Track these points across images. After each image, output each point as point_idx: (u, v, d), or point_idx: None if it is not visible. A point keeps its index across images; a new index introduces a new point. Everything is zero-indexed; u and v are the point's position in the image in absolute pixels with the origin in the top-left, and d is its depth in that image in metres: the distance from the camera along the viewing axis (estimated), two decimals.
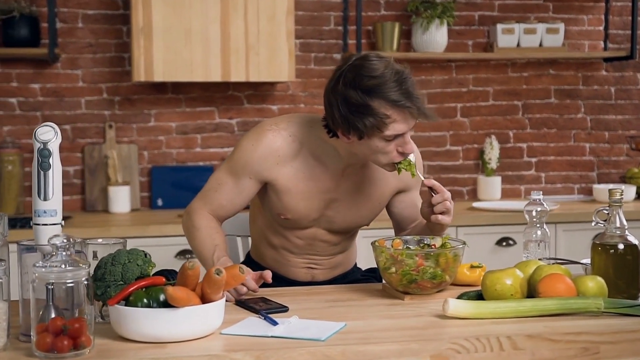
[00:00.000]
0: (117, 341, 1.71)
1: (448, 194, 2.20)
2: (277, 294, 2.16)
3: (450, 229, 3.72)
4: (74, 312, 1.70)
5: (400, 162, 2.17)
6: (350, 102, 2.08)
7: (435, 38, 4.13)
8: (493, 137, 4.31)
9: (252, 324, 1.84)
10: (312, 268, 2.47)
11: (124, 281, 1.76)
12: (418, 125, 4.30)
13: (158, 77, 3.67)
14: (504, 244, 3.81)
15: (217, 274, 1.69)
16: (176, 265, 3.40)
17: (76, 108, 4.00)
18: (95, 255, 1.94)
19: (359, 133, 2.10)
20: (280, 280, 2.47)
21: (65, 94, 3.99)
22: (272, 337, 1.74)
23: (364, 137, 2.10)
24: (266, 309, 1.95)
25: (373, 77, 2.07)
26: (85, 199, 3.99)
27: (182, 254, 3.49)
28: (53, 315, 1.66)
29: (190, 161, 4.10)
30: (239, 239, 2.81)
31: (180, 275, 1.73)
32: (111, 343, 1.71)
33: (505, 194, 4.37)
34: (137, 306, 1.69)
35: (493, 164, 4.27)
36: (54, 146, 1.75)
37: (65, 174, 4.00)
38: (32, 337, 1.63)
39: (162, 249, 3.43)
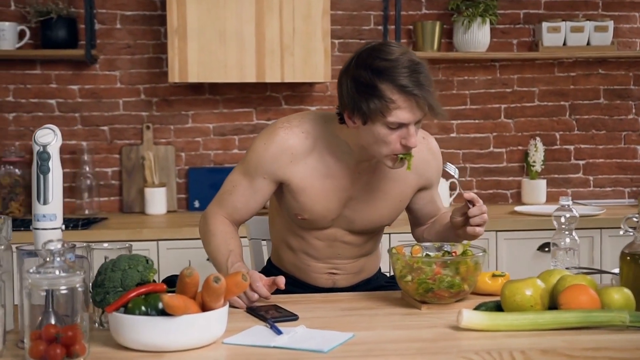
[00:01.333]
0: (116, 350, 1.67)
1: (485, 207, 2.15)
2: (291, 301, 2.10)
3: (490, 234, 3.62)
4: (74, 318, 1.67)
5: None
6: (358, 81, 2.03)
7: (477, 37, 4.02)
8: (538, 139, 4.18)
9: (257, 333, 1.79)
10: (333, 274, 2.40)
11: (123, 288, 1.72)
12: (461, 127, 4.25)
13: (193, 78, 3.64)
14: (547, 249, 3.68)
15: (215, 282, 1.64)
16: (209, 268, 3.36)
17: (114, 109, 4.00)
18: (106, 260, 1.91)
19: (363, 116, 2.04)
20: (302, 287, 2.41)
21: (103, 95, 3.99)
22: (274, 347, 1.68)
23: (368, 122, 2.05)
24: (274, 317, 1.89)
25: (386, 60, 2.02)
26: (123, 201, 3.99)
27: None
28: (53, 322, 1.63)
29: (228, 163, 4.07)
30: (264, 243, 2.76)
31: (179, 283, 1.68)
32: (109, 352, 1.67)
33: (551, 198, 4.23)
34: (134, 314, 1.65)
35: (538, 167, 4.15)
36: (54, 149, 1.72)
37: (103, 175, 4.00)
38: (25, 344, 1.60)
39: (195, 252, 3.39)
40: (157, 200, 3.85)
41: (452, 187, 4.14)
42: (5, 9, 3.89)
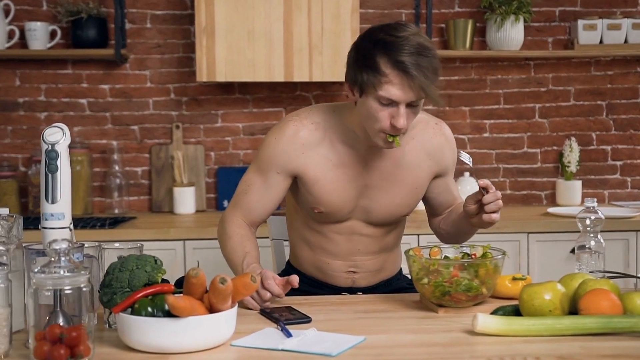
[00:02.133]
0: (122, 351, 1.65)
1: (499, 193, 2.09)
2: (307, 303, 2.07)
3: (521, 235, 3.55)
4: (82, 318, 1.66)
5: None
6: (360, 51, 2.05)
7: (510, 35, 3.95)
8: (573, 139, 4.10)
9: (266, 335, 1.75)
10: (353, 272, 2.37)
11: (131, 288, 1.70)
12: (494, 127, 4.18)
13: (220, 78, 3.62)
14: None
15: (221, 283, 1.61)
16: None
17: (144, 108, 4.00)
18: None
19: (359, 88, 2.05)
20: (321, 287, 2.38)
21: (133, 95, 4.00)
22: (282, 350, 1.65)
23: (363, 94, 2.05)
24: (287, 320, 1.86)
25: (392, 36, 2.01)
26: (152, 200, 3.99)
27: None
28: (60, 322, 1.62)
29: None
30: (286, 243, 2.73)
31: (185, 284, 1.65)
32: (115, 353, 1.65)
33: None
34: (141, 315, 1.63)
35: (573, 167, 4.06)
36: (62, 148, 1.71)
37: (132, 175, 4.01)
38: (29, 344, 1.59)
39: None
40: (186, 200, 3.84)
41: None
42: (37, 9, 3.91)
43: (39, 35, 3.78)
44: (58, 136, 1.70)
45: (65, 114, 3.96)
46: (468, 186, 3.98)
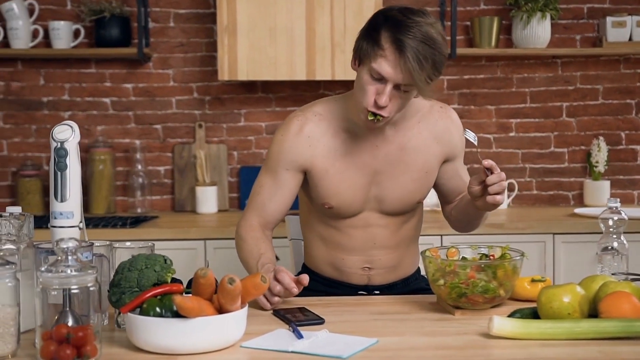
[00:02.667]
0: (131, 351, 1.63)
1: (503, 174, 2.06)
2: (322, 304, 2.04)
3: (547, 236, 3.48)
4: (90, 318, 1.65)
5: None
6: (371, 22, 2.09)
7: (536, 32, 3.89)
8: (601, 138, 4.02)
9: (278, 336, 1.73)
10: (368, 268, 2.34)
11: (139, 288, 1.68)
12: (520, 126, 4.11)
13: (242, 76, 3.60)
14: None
15: (230, 284, 1.59)
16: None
17: (167, 108, 3.99)
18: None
19: (359, 57, 2.08)
20: (336, 286, 2.36)
21: (156, 94, 3.99)
22: (292, 352, 1.62)
23: (360, 64, 2.09)
24: (299, 321, 1.83)
25: (406, 17, 2.04)
26: (175, 199, 3.98)
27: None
28: (69, 322, 1.61)
29: None
30: (303, 244, 2.70)
31: (194, 284, 1.63)
32: (123, 353, 1.63)
33: None
34: (149, 315, 1.60)
35: (601, 167, 3.99)
36: (72, 145, 1.70)
37: (155, 174, 4.00)
38: (36, 344, 1.57)
39: None
40: (208, 199, 3.83)
41: (509, 188, 4.01)
42: (61, 8, 3.92)
43: (63, 35, 3.78)
44: (67, 134, 1.68)
45: (88, 113, 3.97)
46: None
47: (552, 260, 3.50)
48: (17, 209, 1.84)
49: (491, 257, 2.00)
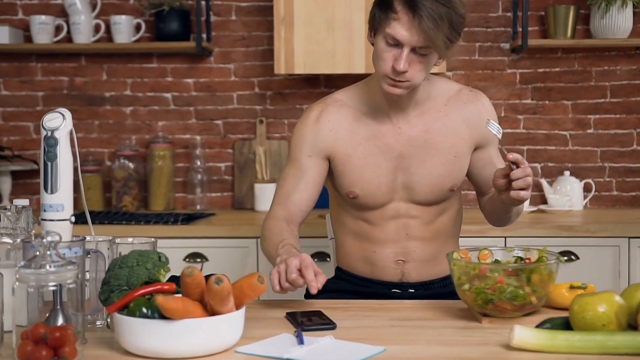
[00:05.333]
0: (119, 354, 1.53)
1: (529, 170, 1.91)
2: (341, 307, 1.91)
3: (621, 240, 3.23)
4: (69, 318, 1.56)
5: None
6: None
7: (617, 22, 3.62)
8: None
9: (278, 342, 1.60)
10: (402, 261, 2.20)
11: (129, 286, 1.57)
12: (599, 122, 3.83)
13: (299, 70, 3.48)
14: None
15: (217, 284, 1.46)
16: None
17: (228, 103, 3.91)
18: None
19: (373, 25, 2.04)
20: (368, 285, 2.23)
21: (217, 89, 3.91)
22: (287, 359, 1.49)
23: (376, 34, 2.04)
24: (309, 325, 1.70)
25: None
26: (235, 196, 3.89)
27: (315, 256, 3.27)
28: (60, 320, 1.52)
29: None
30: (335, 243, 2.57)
31: (181, 284, 1.51)
32: (108, 356, 1.53)
33: None
34: (134, 315, 1.50)
35: None
36: (62, 134, 1.61)
37: (216, 170, 3.92)
38: (13, 343, 1.49)
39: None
40: (267, 197, 3.71)
41: (586, 188, 3.76)
42: (123, 2, 3.89)
43: (124, 29, 3.75)
44: (57, 122, 1.60)
45: (150, 109, 3.92)
46: (568, 186, 3.70)
47: (627, 266, 3.24)
48: (23, 202, 1.77)
49: (527, 261, 1.82)
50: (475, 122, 2.17)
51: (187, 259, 3.28)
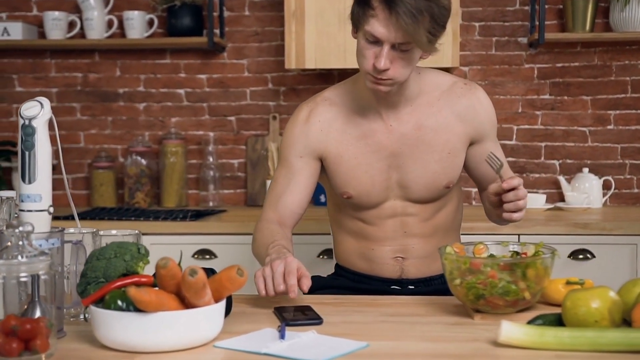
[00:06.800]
0: (95, 347, 1.49)
1: (523, 193, 1.87)
2: (333, 303, 1.86)
3: (639, 239, 3.14)
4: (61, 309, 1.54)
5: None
6: None
7: (637, 15, 3.53)
8: None
9: (259, 337, 1.55)
10: (401, 258, 2.16)
11: (106, 278, 1.53)
12: (620, 118, 3.74)
13: (310, 64, 3.43)
14: None
15: (191, 276, 1.42)
16: (318, 265, 3.15)
17: (241, 99, 3.88)
18: None
19: (354, 23, 1.98)
20: (368, 281, 2.19)
21: (230, 85, 3.88)
22: (264, 354, 1.44)
23: (357, 31, 1.97)
24: (294, 320, 1.65)
25: None
26: (248, 193, 3.85)
27: (325, 253, 3.22)
28: (38, 313, 1.49)
29: None
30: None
31: (157, 275, 1.47)
32: (83, 349, 1.49)
33: None
34: (109, 308, 1.46)
35: None
36: (40, 123, 1.57)
37: (229, 167, 3.89)
38: None
39: (305, 247, 3.20)
40: None
41: (606, 186, 3.68)
42: None
43: (136, 25, 3.73)
44: (35, 110, 1.56)
45: (163, 105, 3.90)
46: (587, 183, 3.61)
47: None
48: (7, 194, 1.75)
49: (523, 256, 1.76)
50: (469, 117, 2.11)
51: (196, 256, 3.25)
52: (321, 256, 3.23)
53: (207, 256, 3.25)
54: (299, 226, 3.17)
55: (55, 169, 3.63)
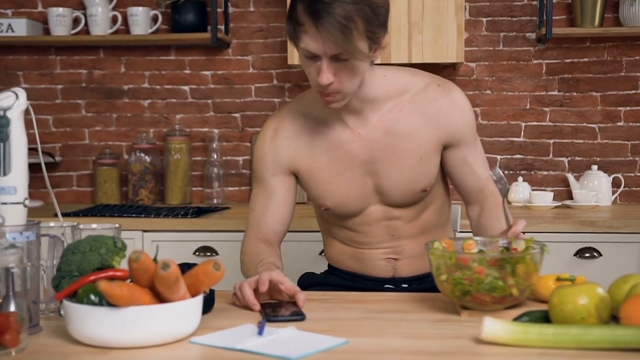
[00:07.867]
0: (69, 343, 1.46)
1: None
2: (319, 299, 1.82)
3: None
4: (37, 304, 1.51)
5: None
6: (290, 1, 1.84)
7: None
8: None
9: (237, 332, 1.52)
10: (393, 259, 2.11)
11: (80, 272, 1.50)
12: (630, 114, 3.67)
13: None
14: None
15: (163, 269, 1.39)
16: (318, 263, 3.11)
17: (246, 95, 3.85)
18: None
19: (291, 40, 1.86)
20: (361, 281, 2.15)
21: (235, 81, 3.85)
22: (240, 350, 1.41)
23: (296, 48, 1.86)
24: (276, 316, 1.61)
25: None
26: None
27: (322, 253, 3.18)
28: (12, 308, 1.46)
29: None
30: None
31: (129, 269, 1.44)
32: (57, 345, 1.46)
33: None
34: (82, 303, 1.43)
35: None
36: (15, 114, 1.55)
37: (234, 164, 3.86)
38: None
39: (305, 245, 3.16)
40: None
41: (615, 183, 3.61)
42: None
43: (141, 21, 3.71)
44: (10, 101, 1.54)
45: (168, 101, 3.88)
46: (595, 180, 3.55)
47: None
48: None
49: (514, 251, 1.71)
50: (441, 121, 2.00)
51: (197, 253, 3.22)
52: (322, 254, 3.19)
53: (209, 253, 3.22)
54: (299, 224, 3.15)
55: (56, 165, 3.56)
